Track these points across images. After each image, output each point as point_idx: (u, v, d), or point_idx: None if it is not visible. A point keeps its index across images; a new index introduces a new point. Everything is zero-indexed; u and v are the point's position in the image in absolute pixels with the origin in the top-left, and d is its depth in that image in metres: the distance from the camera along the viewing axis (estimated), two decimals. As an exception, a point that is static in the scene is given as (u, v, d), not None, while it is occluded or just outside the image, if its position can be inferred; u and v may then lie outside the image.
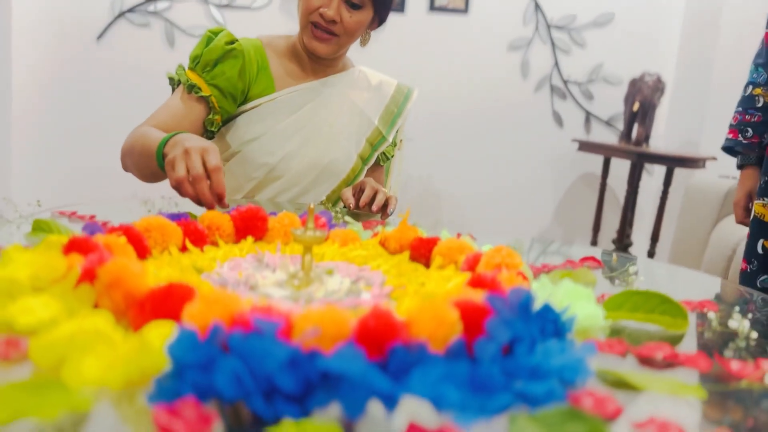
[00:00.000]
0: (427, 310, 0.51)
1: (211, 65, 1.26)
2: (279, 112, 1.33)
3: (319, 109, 1.37)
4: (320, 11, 1.25)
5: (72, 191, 3.13)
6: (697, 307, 0.79)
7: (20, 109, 3.01)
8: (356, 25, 1.28)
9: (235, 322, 0.49)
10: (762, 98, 1.57)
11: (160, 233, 0.76)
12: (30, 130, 3.04)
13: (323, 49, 1.30)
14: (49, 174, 3.11)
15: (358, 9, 1.26)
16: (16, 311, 0.53)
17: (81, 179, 3.12)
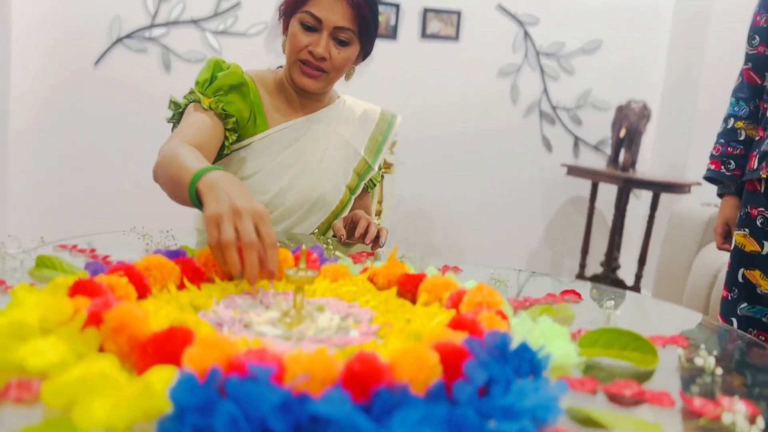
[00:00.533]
0: (410, 353, 0.56)
1: (224, 90, 1.29)
2: (271, 150, 1.35)
3: (308, 144, 1.39)
4: (309, 49, 1.27)
5: (68, 214, 3.16)
6: (668, 342, 0.84)
7: (18, 131, 3.05)
8: (344, 61, 1.31)
9: (231, 365, 0.53)
10: (744, 131, 1.63)
11: (159, 272, 0.80)
12: (27, 151, 3.08)
13: (313, 85, 1.32)
14: (45, 196, 3.14)
15: (346, 45, 1.29)
16: (26, 353, 0.57)
17: (77, 201, 3.16)
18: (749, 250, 1.54)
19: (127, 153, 3.15)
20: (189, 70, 3.11)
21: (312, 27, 1.27)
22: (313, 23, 1.26)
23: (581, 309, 0.98)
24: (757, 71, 1.60)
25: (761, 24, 1.57)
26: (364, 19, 1.29)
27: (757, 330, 1.54)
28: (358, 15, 1.27)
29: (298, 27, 1.28)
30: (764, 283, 1.52)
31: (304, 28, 1.27)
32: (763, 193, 1.51)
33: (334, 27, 1.26)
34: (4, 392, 0.52)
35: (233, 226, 0.82)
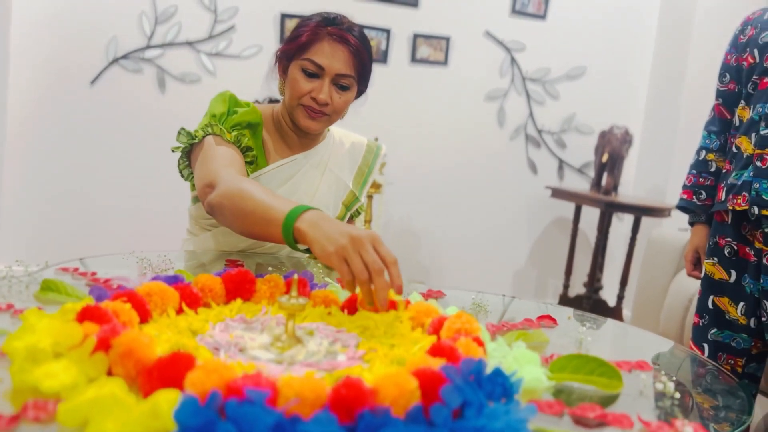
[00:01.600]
0: (391, 379, 0.61)
1: (242, 126, 1.33)
2: (268, 186, 1.37)
3: (301, 181, 1.43)
4: (312, 95, 1.31)
5: (62, 230, 3.19)
6: (633, 367, 0.90)
7: (13, 146, 3.08)
8: (345, 104, 1.36)
9: (229, 389, 0.59)
10: (714, 163, 1.71)
11: (159, 297, 0.85)
12: (22, 167, 3.11)
13: (315, 126, 1.36)
14: (39, 212, 3.17)
15: (347, 90, 1.34)
16: (41, 376, 0.62)
17: (71, 218, 3.19)
18: (718, 278, 1.61)
19: (121, 171, 3.19)
20: (183, 91, 3.17)
21: (314, 74, 1.31)
22: (315, 70, 1.30)
23: (555, 334, 1.04)
24: (726, 107, 1.68)
25: (731, 63, 1.66)
26: (362, 64, 1.34)
27: (727, 354, 1.61)
28: (358, 61, 1.32)
29: (300, 73, 1.31)
30: (732, 310, 1.59)
31: (306, 75, 1.31)
32: (730, 224, 1.58)
33: (336, 74, 1.31)
34: (22, 412, 0.57)
35: (359, 258, 0.87)
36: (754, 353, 1.60)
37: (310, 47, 1.30)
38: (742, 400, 0.88)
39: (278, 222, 0.98)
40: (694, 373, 1.03)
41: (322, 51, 1.29)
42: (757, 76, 1.53)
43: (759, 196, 1.47)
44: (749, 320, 1.57)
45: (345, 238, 0.88)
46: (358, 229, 0.90)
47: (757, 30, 1.57)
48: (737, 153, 1.56)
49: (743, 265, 1.57)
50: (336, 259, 0.88)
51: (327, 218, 0.95)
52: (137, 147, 3.16)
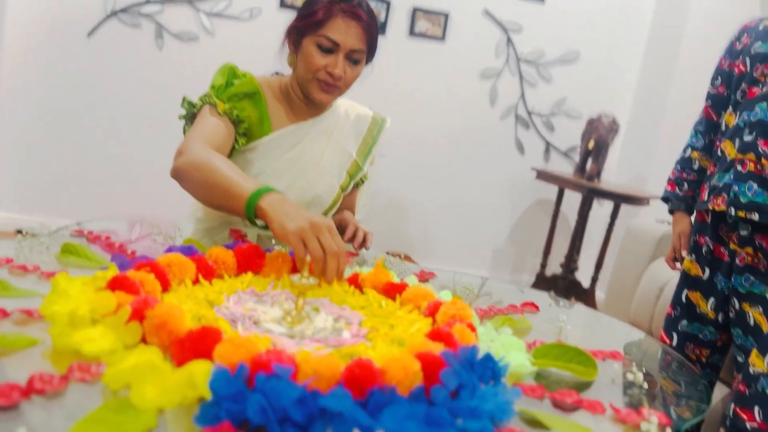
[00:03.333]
0: (398, 362, 0.69)
1: (239, 97, 1.38)
2: (274, 152, 1.45)
3: (307, 148, 1.49)
4: (327, 70, 1.36)
5: (57, 184, 3.21)
6: (607, 356, 0.99)
7: (8, 97, 3.07)
8: (356, 77, 1.42)
9: (256, 363, 0.66)
10: (698, 161, 1.79)
11: (179, 268, 0.92)
12: (17, 118, 3.11)
13: (328, 99, 1.42)
14: (34, 164, 3.18)
15: (358, 63, 1.40)
16: (80, 340, 0.69)
17: (66, 170, 3.20)
18: (693, 274, 1.71)
19: (116, 124, 3.20)
20: (180, 49, 3.16)
21: (329, 49, 1.35)
22: (330, 46, 1.35)
23: (538, 320, 1.13)
24: (715, 109, 1.76)
25: (724, 68, 1.73)
26: (372, 39, 1.40)
27: (694, 344, 1.72)
28: (369, 36, 1.38)
29: (315, 48, 1.36)
30: (703, 304, 1.70)
31: (321, 50, 1.35)
32: (710, 225, 1.68)
33: (351, 49, 1.35)
34: (69, 372, 0.64)
35: (317, 241, 0.98)
36: (719, 345, 1.72)
37: (325, 24, 1.34)
38: (702, 389, 0.97)
39: (242, 198, 1.07)
40: (662, 364, 1.13)
41: (336, 27, 1.34)
42: (746, 85, 1.61)
43: (737, 199, 1.55)
44: (717, 315, 1.67)
45: (305, 221, 0.99)
46: (316, 215, 1.01)
47: (751, 39, 1.63)
48: (721, 156, 1.65)
49: (717, 263, 1.67)
50: (294, 238, 0.98)
51: (288, 201, 1.05)
52: (132, 102, 3.17)
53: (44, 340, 0.70)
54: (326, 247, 0.97)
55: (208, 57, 3.16)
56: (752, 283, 1.57)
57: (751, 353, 1.56)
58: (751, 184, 1.53)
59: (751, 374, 1.54)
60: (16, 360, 0.67)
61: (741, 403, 1.56)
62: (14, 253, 0.98)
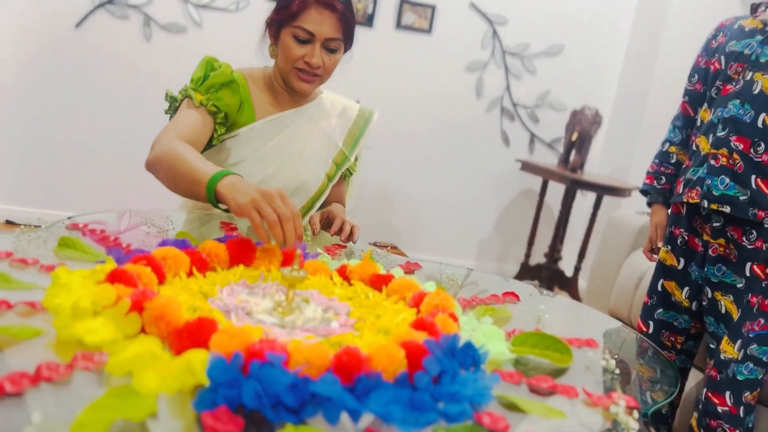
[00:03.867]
0: (383, 349, 0.74)
1: (216, 88, 1.42)
2: (258, 139, 1.50)
3: (291, 136, 1.54)
4: (305, 60, 1.41)
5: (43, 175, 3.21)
6: (582, 344, 1.04)
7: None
8: (334, 65, 1.47)
9: (249, 351, 0.70)
10: (675, 155, 1.85)
11: (173, 261, 0.96)
12: (2, 110, 3.10)
13: (309, 88, 1.47)
14: (20, 155, 3.18)
15: (336, 52, 1.45)
16: (83, 331, 0.73)
17: (51, 161, 3.21)
18: (669, 264, 1.78)
19: (103, 116, 3.20)
20: (168, 41, 3.16)
21: (305, 40, 1.41)
22: (306, 37, 1.40)
23: (518, 310, 1.18)
24: (692, 105, 1.81)
25: (701, 65, 1.78)
26: (348, 26, 1.44)
27: (669, 332, 1.79)
28: (344, 24, 1.42)
29: (292, 40, 1.41)
30: (677, 293, 1.76)
31: (297, 41, 1.41)
32: (685, 216, 1.74)
33: (326, 39, 1.41)
34: (74, 361, 0.68)
35: (270, 207, 1.03)
36: (693, 333, 1.78)
37: (300, 15, 1.39)
38: (672, 374, 1.03)
39: (203, 183, 1.13)
40: (637, 351, 1.18)
41: (311, 18, 1.39)
42: (720, 82, 1.66)
43: (710, 192, 1.61)
44: (692, 304, 1.74)
45: (256, 192, 1.04)
46: (267, 187, 1.06)
47: (726, 38, 1.69)
48: (696, 151, 1.70)
49: (692, 254, 1.73)
50: (248, 208, 1.03)
51: (242, 180, 1.11)
52: (120, 93, 3.17)
53: (48, 331, 0.74)
54: (280, 213, 1.02)
55: (196, 48, 3.17)
56: (724, 273, 1.63)
57: (722, 340, 1.63)
58: (723, 178, 1.59)
59: (722, 360, 1.61)
60: (22, 350, 0.70)
61: (713, 388, 1.63)
62: (13, 247, 1.01)
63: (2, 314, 0.77)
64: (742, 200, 1.56)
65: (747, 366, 1.58)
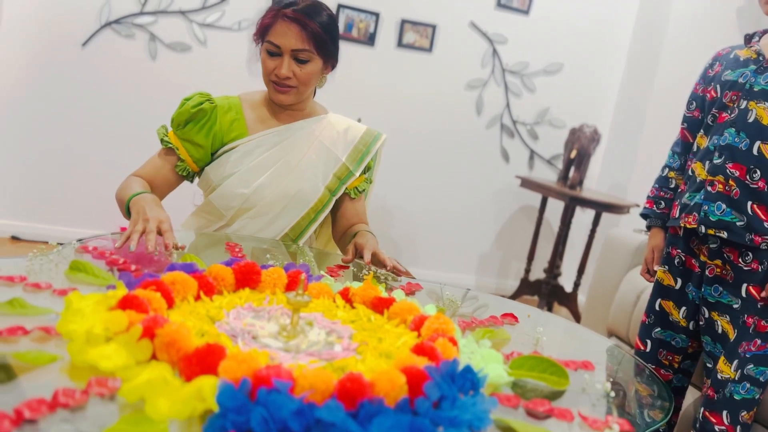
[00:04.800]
0: (385, 375, 0.76)
1: (182, 124, 1.53)
2: (254, 150, 1.56)
3: (288, 147, 1.59)
4: (275, 72, 1.50)
5: (49, 190, 3.25)
6: (579, 366, 1.07)
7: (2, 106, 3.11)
8: (308, 76, 1.52)
9: (256, 377, 0.73)
10: (674, 180, 1.88)
11: (182, 286, 0.99)
12: (9, 125, 3.14)
13: (286, 99, 1.55)
14: (27, 170, 3.22)
15: (306, 62, 1.51)
16: (97, 356, 0.75)
17: (58, 177, 3.25)
18: (666, 284, 1.80)
19: (109, 133, 3.24)
20: (173, 59, 3.21)
21: (275, 53, 1.50)
22: (274, 50, 1.49)
23: (517, 332, 1.21)
24: (690, 132, 1.85)
25: (699, 92, 1.82)
26: (317, 37, 1.49)
27: (667, 351, 1.81)
28: (311, 35, 1.48)
29: (265, 54, 1.52)
30: (675, 313, 1.78)
31: (269, 55, 1.51)
32: (682, 237, 1.77)
33: (292, 50, 1.48)
34: (89, 387, 0.70)
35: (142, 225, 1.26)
36: (690, 352, 1.81)
37: (270, 30, 1.50)
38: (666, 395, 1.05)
39: (125, 202, 1.41)
40: (635, 370, 1.21)
41: (277, 32, 1.48)
42: (716, 110, 1.70)
43: (707, 217, 1.64)
44: (689, 323, 1.76)
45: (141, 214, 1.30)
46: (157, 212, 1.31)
47: (722, 66, 1.73)
48: (692, 176, 1.74)
49: (689, 274, 1.76)
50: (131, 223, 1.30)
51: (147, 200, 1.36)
52: (126, 111, 3.22)
53: (62, 356, 0.77)
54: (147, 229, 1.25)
55: (201, 67, 3.22)
56: (720, 294, 1.66)
57: (719, 360, 1.65)
58: (720, 204, 1.62)
59: (719, 380, 1.63)
60: (37, 375, 0.73)
61: (710, 407, 1.65)
62: (26, 271, 1.04)
63: (19, 340, 0.79)
64: (738, 225, 1.59)
65: (744, 386, 1.60)
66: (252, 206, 1.57)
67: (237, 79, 3.15)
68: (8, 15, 3.00)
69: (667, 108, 3.31)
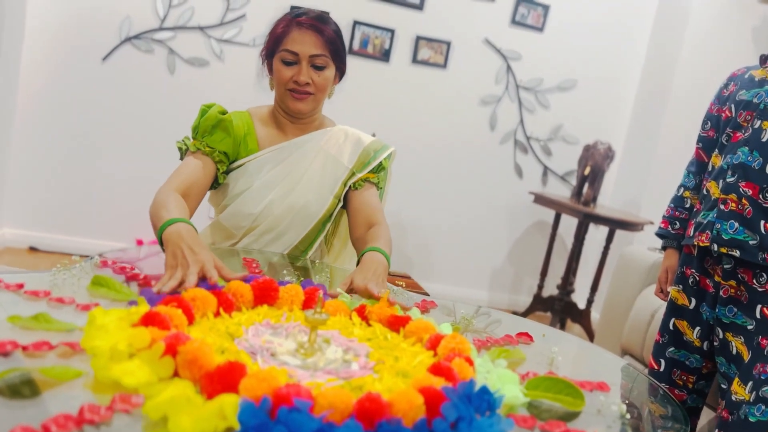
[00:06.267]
0: (403, 395, 0.77)
1: (209, 131, 1.53)
2: (262, 167, 1.57)
3: (295, 162, 1.60)
4: (294, 79, 1.51)
5: (69, 204, 3.30)
6: (594, 387, 1.07)
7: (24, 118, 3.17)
8: (325, 82, 1.55)
9: (276, 396, 0.74)
10: (689, 200, 1.88)
11: (202, 303, 1.00)
12: (31, 138, 3.20)
13: (304, 107, 1.55)
14: (48, 185, 3.27)
15: (323, 69, 1.54)
16: (120, 373, 0.77)
17: (78, 191, 3.30)
18: (680, 304, 1.80)
19: (130, 147, 3.29)
20: (192, 74, 3.26)
21: (292, 61, 1.52)
22: (292, 58, 1.51)
23: (532, 351, 1.21)
24: (705, 151, 1.85)
25: (713, 112, 1.82)
26: (332, 42, 1.53)
27: (681, 371, 1.81)
28: (326, 40, 1.52)
29: (281, 64, 1.53)
30: (689, 333, 1.78)
31: (285, 64, 1.52)
32: (696, 257, 1.76)
33: (310, 56, 1.51)
34: (113, 403, 0.72)
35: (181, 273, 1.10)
36: (704, 372, 1.80)
37: (284, 39, 1.52)
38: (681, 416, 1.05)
39: (157, 228, 1.26)
40: (649, 390, 1.21)
41: (293, 39, 1.51)
42: (731, 129, 1.70)
43: (719, 236, 1.64)
44: (703, 343, 1.76)
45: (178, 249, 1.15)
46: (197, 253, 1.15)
47: (737, 87, 1.74)
48: (706, 195, 1.74)
49: (703, 294, 1.75)
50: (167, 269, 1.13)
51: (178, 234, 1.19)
52: (144, 124, 3.27)
53: (87, 372, 0.78)
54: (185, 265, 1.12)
55: (218, 81, 3.27)
56: (735, 314, 1.65)
57: (733, 381, 1.64)
58: (732, 222, 1.62)
59: (733, 401, 1.62)
60: (62, 391, 0.75)
61: (724, 428, 1.64)
62: (50, 286, 1.06)
63: (45, 355, 0.81)
64: (751, 244, 1.59)
65: (759, 408, 1.59)
66: (260, 223, 1.58)
67: (253, 93, 3.22)
68: (30, 30, 3.06)
69: (681, 125, 3.31)
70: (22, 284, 1.04)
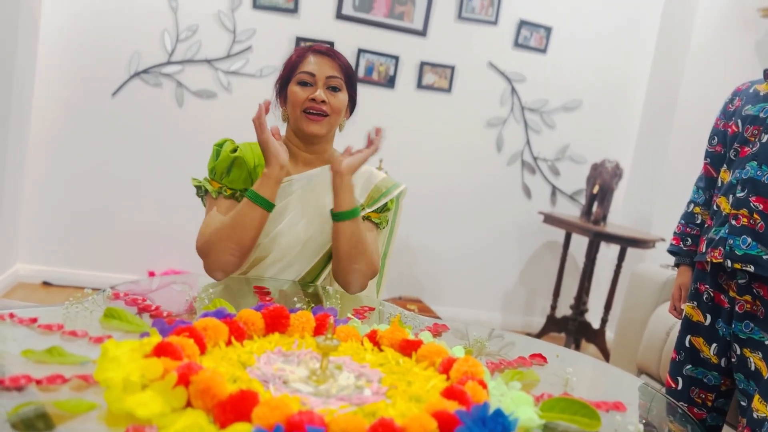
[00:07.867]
0: (416, 420, 0.77)
1: (225, 172, 1.56)
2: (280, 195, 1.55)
3: (306, 194, 1.60)
4: (310, 98, 1.53)
5: (80, 236, 3.33)
6: (611, 408, 1.06)
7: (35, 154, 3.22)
8: (340, 104, 1.57)
9: (289, 423, 0.74)
10: (700, 216, 1.87)
11: (213, 332, 1.00)
12: (43, 175, 3.25)
13: (319, 129, 1.56)
14: (59, 216, 3.30)
15: (339, 91, 1.57)
16: (134, 404, 0.77)
17: (90, 227, 3.33)
18: (696, 320, 1.78)
19: (139, 181, 3.33)
20: (200, 106, 3.31)
21: (308, 83, 1.55)
22: (308, 79, 1.55)
23: (546, 372, 1.20)
24: (713, 167, 1.85)
25: (720, 127, 1.82)
26: (346, 68, 1.59)
27: (699, 389, 1.78)
28: (341, 66, 1.57)
29: (296, 87, 1.56)
30: (706, 349, 1.76)
31: (301, 85, 1.55)
32: (710, 273, 1.75)
33: (326, 77, 1.55)
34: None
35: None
36: (723, 390, 1.77)
37: (300, 63, 1.57)
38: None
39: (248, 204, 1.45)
40: (667, 409, 1.19)
41: (309, 62, 1.56)
42: (738, 144, 1.70)
43: (732, 251, 1.63)
44: (720, 360, 1.73)
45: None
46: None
47: (742, 102, 1.74)
48: (717, 211, 1.73)
49: (718, 310, 1.73)
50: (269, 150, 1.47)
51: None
52: (155, 158, 3.31)
53: (100, 404, 0.79)
54: None
55: (227, 112, 3.31)
56: (752, 330, 1.63)
57: (754, 398, 1.61)
58: (745, 237, 1.61)
59: (755, 419, 1.59)
60: (76, 424, 0.75)
61: (747, 447, 1.61)
62: (63, 319, 1.07)
63: (58, 388, 0.82)
64: (765, 259, 1.58)
65: (781, 424, 1.56)
66: (268, 253, 1.58)
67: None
68: (42, 68, 3.13)
69: (688, 140, 3.31)
70: (36, 318, 1.05)
